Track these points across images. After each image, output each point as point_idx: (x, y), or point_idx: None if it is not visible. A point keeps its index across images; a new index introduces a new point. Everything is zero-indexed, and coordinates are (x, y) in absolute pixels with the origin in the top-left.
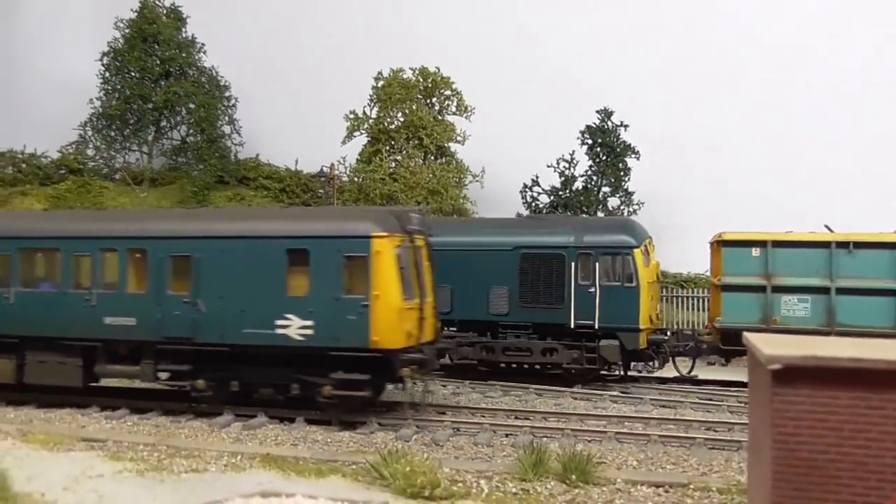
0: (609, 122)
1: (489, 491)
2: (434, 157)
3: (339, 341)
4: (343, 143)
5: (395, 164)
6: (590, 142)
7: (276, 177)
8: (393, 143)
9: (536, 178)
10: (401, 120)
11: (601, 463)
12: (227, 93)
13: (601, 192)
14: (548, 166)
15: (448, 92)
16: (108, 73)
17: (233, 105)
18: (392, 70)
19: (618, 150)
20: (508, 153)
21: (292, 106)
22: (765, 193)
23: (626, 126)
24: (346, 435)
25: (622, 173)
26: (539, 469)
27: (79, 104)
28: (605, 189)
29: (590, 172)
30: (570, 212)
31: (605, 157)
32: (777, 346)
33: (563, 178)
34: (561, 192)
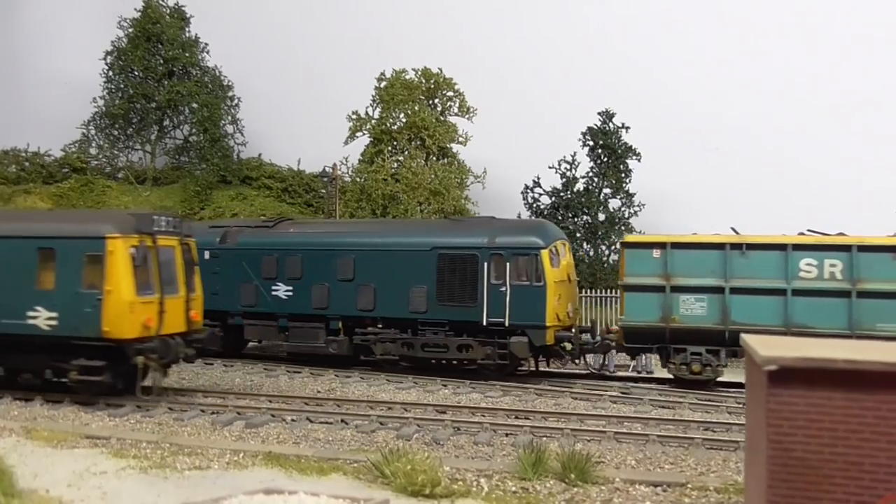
0: (610, 124)
1: (489, 489)
2: (436, 157)
3: (79, 331)
4: (345, 144)
5: (397, 164)
6: (591, 143)
7: (279, 176)
8: (395, 143)
9: (538, 179)
10: (403, 121)
11: (600, 462)
12: (230, 92)
13: (602, 194)
14: (549, 167)
15: (450, 93)
16: (111, 73)
17: (236, 105)
18: (395, 71)
19: (619, 151)
20: (510, 154)
21: (295, 106)
22: (766, 195)
23: (627, 128)
24: (348, 433)
25: (623, 175)
26: (538, 468)
27: (82, 103)
28: (607, 190)
29: (591, 174)
30: (570, 213)
31: (606, 159)
32: (773, 347)
33: (564, 180)
34: (562, 194)
